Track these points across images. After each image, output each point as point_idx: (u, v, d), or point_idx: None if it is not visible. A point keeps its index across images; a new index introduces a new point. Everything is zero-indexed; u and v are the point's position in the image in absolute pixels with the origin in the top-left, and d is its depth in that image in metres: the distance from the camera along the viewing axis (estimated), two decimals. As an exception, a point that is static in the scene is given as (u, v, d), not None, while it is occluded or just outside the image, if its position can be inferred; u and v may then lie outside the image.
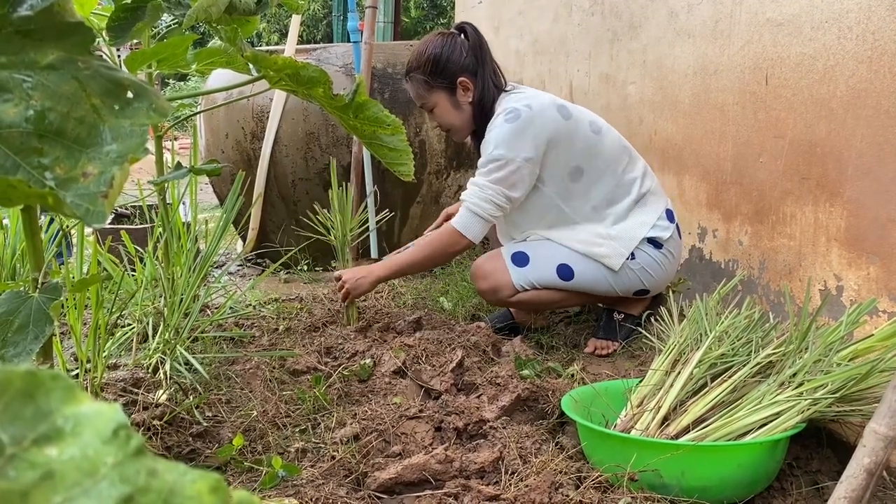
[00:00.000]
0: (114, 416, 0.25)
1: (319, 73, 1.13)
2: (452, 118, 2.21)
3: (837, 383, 1.32)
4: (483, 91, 2.17)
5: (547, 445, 1.44)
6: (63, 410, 0.25)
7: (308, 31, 14.85)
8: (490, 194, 2.07)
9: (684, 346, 1.56)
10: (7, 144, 0.56)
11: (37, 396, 0.25)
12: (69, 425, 0.25)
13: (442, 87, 2.17)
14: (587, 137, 2.12)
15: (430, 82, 2.17)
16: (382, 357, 1.89)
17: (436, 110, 2.22)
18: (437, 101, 2.19)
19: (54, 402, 0.25)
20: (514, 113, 2.06)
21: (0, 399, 0.24)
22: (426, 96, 2.20)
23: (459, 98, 2.18)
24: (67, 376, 0.25)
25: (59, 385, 0.26)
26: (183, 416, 1.59)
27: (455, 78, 2.16)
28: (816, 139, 1.92)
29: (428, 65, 2.16)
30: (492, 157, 2.06)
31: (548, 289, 2.14)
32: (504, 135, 2.04)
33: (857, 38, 1.77)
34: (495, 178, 2.06)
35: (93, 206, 0.54)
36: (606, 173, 2.14)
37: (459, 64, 2.16)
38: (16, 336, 1.08)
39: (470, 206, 2.09)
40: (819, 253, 1.93)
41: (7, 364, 1.06)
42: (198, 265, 1.93)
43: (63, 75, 0.60)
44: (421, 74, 2.17)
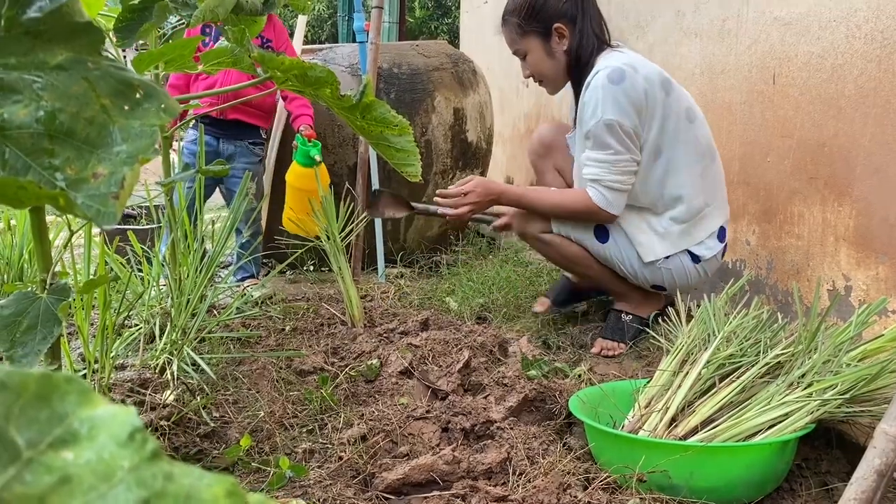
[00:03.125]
0: (129, 420, 0.25)
1: (327, 74, 1.13)
2: (545, 66, 2.13)
3: (847, 384, 1.32)
4: (581, 41, 2.07)
5: (555, 446, 1.44)
6: (78, 413, 0.25)
7: (313, 31, 14.85)
8: (624, 166, 1.99)
9: (692, 346, 1.55)
10: (18, 145, 0.56)
11: (52, 400, 0.25)
12: (85, 429, 0.25)
13: (536, 33, 2.09)
14: (679, 122, 2.01)
15: (523, 26, 2.09)
16: (389, 357, 1.89)
17: (528, 57, 2.13)
18: (530, 47, 2.11)
19: (70, 405, 0.25)
20: (618, 73, 1.95)
21: (16, 403, 0.24)
22: (519, 41, 2.12)
23: (553, 45, 2.09)
24: (82, 379, 0.25)
25: (75, 388, 0.26)
26: (190, 416, 1.59)
27: (551, 23, 2.07)
28: (824, 138, 1.91)
29: (523, 8, 2.08)
30: (606, 122, 1.94)
31: (577, 244, 2.12)
32: (612, 97, 1.93)
33: (865, 36, 1.76)
34: (620, 148, 1.97)
35: (104, 208, 0.54)
36: (685, 168, 2.03)
37: (556, 9, 2.06)
38: (24, 337, 1.08)
39: (609, 183, 1.99)
40: (827, 253, 1.92)
41: (15, 364, 1.06)
42: (204, 266, 1.93)
43: (73, 76, 0.60)
44: (515, 17, 2.10)
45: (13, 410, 0.24)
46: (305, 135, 2.76)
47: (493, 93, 3.79)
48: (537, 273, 2.92)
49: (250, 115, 2.93)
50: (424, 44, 3.44)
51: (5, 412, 0.23)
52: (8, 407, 0.23)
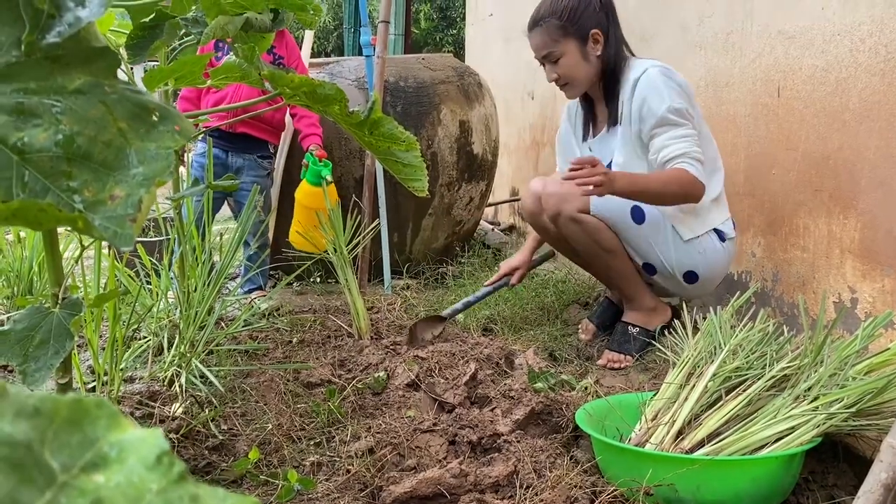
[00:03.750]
0: (157, 443, 0.26)
1: (336, 92, 1.15)
2: (579, 70, 2.21)
3: (853, 397, 1.32)
4: (615, 49, 2.20)
5: (561, 459, 1.45)
6: (108, 437, 0.26)
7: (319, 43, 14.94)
8: (697, 142, 2.08)
9: (698, 359, 1.56)
10: (37, 168, 0.57)
11: (83, 424, 0.26)
12: (114, 452, 0.26)
13: (575, 36, 2.18)
14: (699, 122, 2.15)
15: (565, 28, 2.17)
16: (396, 370, 1.90)
17: (562, 60, 2.20)
18: (567, 49, 2.19)
19: (100, 429, 0.26)
20: (667, 70, 2.11)
21: (49, 428, 0.25)
22: (558, 42, 2.19)
23: (589, 49, 2.19)
24: (111, 404, 0.26)
25: (104, 412, 0.27)
26: (199, 429, 1.60)
27: (588, 29, 2.17)
28: (829, 151, 1.92)
29: (565, 12, 2.17)
30: (675, 107, 2.05)
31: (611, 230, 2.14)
32: (672, 86, 2.07)
33: (869, 50, 1.77)
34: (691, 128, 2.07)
35: (121, 229, 0.55)
36: (709, 160, 2.13)
37: (593, 16, 2.18)
38: (37, 351, 1.09)
39: (696, 154, 2.05)
40: (833, 265, 1.92)
41: (28, 379, 1.07)
42: (213, 278, 1.95)
43: (90, 100, 0.61)
44: (556, 20, 2.18)
45: (47, 435, 0.25)
46: (316, 154, 2.78)
47: (499, 104, 3.81)
48: (543, 285, 2.93)
49: (259, 129, 2.96)
50: (430, 57, 3.47)
51: (40, 437, 0.24)
52: (42, 432, 0.25)
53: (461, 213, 3.46)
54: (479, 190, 3.52)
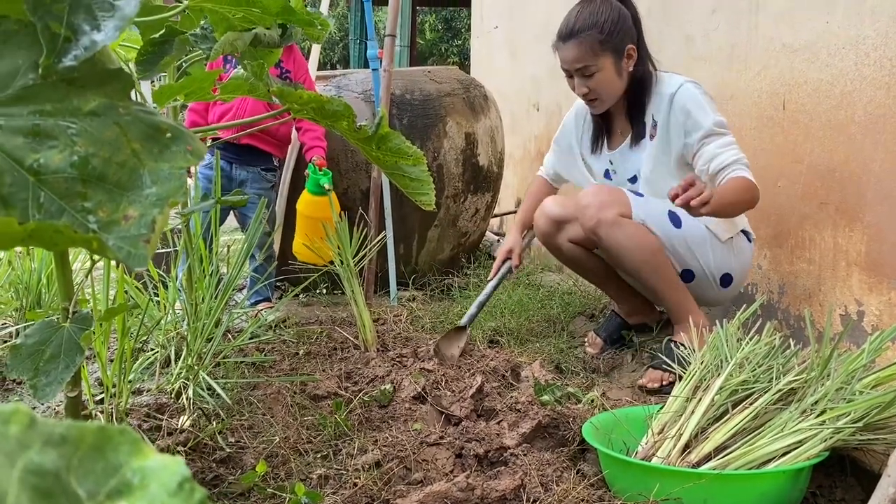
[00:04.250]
0: (178, 470, 0.27)
1: (344, 108, 1.16)
2: (612, 86, 2.17)
3: (860, 412, 1.32)
4: (646, 63, 2.19)
5: (568, 473, 1.45)
6: (131, 464, 0.27)
7: (325, 54, 15.03)
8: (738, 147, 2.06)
9: (705, 372, 1.56)
10: (53, 189, 0.58)
11: (107, 451, 0.27)
12: (137, 479, 0.26)
13: (613, 51, 2.13)
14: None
15: (605, 42, 2.12)
16: (402, 382, 1.91)
17: (598, 75, 2.15)
18: (604, 64, 2.14)
19: (123, 455, 0.27)
20: (694, 84, 2.12)
21: (74, 455, 0.26)
22: (597, 56, 2.13)
23: (623, 65, 2.16)
24: (133, 431, 0.27)
25: (127, 439, 0.27)
26: (206, 441, 1.61)
27: (625, 45, 2.14)
28: (835, 164, 1.92)
29: (607, 26, 2.12)
30: (718, 121, 2.05)
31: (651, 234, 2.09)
32: (710, 102, 2.09)
33: (874, 63, 1.78)
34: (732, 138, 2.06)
35: (134, 249, 0.56)
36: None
37: (629, 32, 2.16)
38: (47, 366, 1.10)
39: (746, 160, 2.02)
40: (839, 278, 1.92)
41: (39, 393, 1.08)
42: (220, 291, 1.95)
43: (105, 121, 0.62)
44: (598, 33, 2.11)
45: (73, 462, 0.26)
46: (317, 164, 2.80)
47: (504, 116, 3.82)
48: (549, 296, 2.93)
49: (264, 141, 2.98)
50: (436, 70, 3.48)
51: (66, 464, 0.25)
52: (68, 459, 0.25)
53: (467, 225, 3.47)
54: (485, 201, 3.52)
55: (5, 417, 0.24)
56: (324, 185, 2.73)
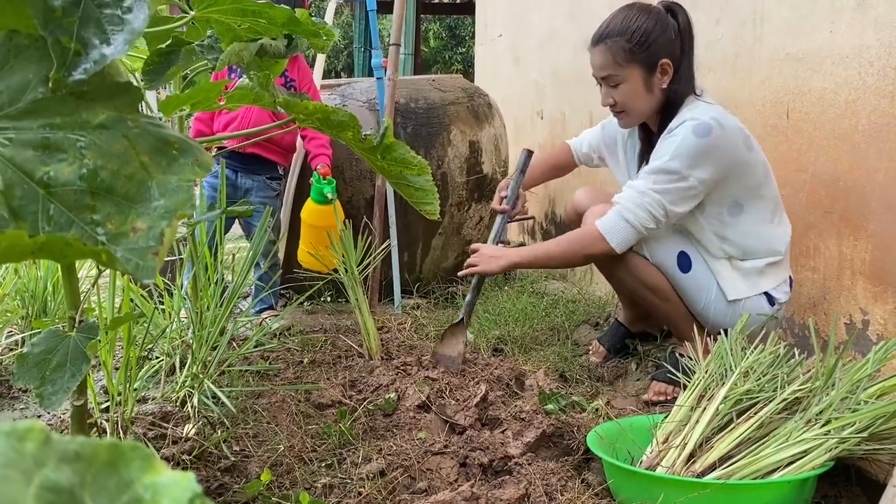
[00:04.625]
0: (189, 486, 0.27)
1: (349, 118, 1.16)
2: (639, 100, 2.00)
3: (865, 421, 1.32)
4: (681, 83, 1.99)
5: (573, 482, 1.45)
6: (143, 480, 0.27)
7: (329, 62, 15.07)
8: (649, 202, 1.90)
9: (709, 381, 1.56)
10: (62, 202, 0.59)
11: (119, 467, 0.27)
12: (148, 494, 0.27)
13: (642, 63, 1.97)
14: (758, 177, 1.96)
15: (633, 52, 1.95)
16: (406, 391, 1.91)
17: (623, 86, 1.99)
18: (631, 76, 1.98)
19: (134, 471, 0.27)
20: (705, 127, 1.88)
21: (88, 471, 0.26)
22: (621, 66, 1.97)
23: (655, 80, 1.98)
24: (145, 447, 0.27)
25: (139, 455, 0.28)
26: (211, 450, 1.61)
27: (658, 58, 1.96)
28: (839, 173, 1.92)
29: (637, 35, 1.95)
30: (666, 167, 1.88)
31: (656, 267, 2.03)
32: (688, 148, 1.87)
33: (878, 72, 1.78)
34: (662, 189, 1.89)
35: (143, 262, 0.57)
36: (766, 222, 1.98)
37: (667, 45, 1.97)
38: (54, 374, 1.10)
39: (621, 209, 1.92)
40: (844, 287, 1.92)
41: (45, 401, 1.09)
42: (225, 299, 1.96)
43: (114, 134, 0.63)
44: (626, 42, 1.95)
45: (87, 479, 0.26)
46: (321, 173, 2.81)
47: (508, 123, 3.83)
48: (553, 304, 2.93)
49: (269, 150, 2.99)
50: (440, 78, 3.50)
51: (80, 481, 0.25)
52: (82, 476, 0.26)
53: (471, 233, 3.47)
54: (489, 210, 3.53)
55: (21, 434, 0.25)
56: (327, 195, 2.74)
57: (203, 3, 1.22)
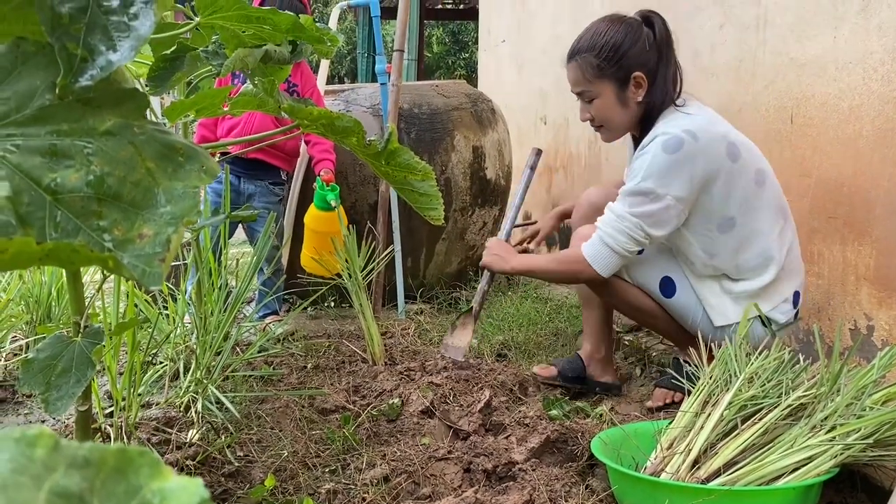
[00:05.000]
0: (197, 491, 0.27)
1: (354, 124, 1.17)
2: (614, 115, 1.97)
3: (870, 428, 1.31)
4: (656, 94, 1.94)
5: (577, 488, 1.44)
6: (151, 485, 0.27)
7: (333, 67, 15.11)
8: (628, 226, 1.86)
9: (714, 387, 1.55)
10: (69, 208, 0.59)
11: (128, 473, 0.27)
12: (157, 500, 0.27)
13: (612, 78, 1.93)
14: (748, 188, 1.88)
15: (602, 67, 1.92)
16: (410, 396, 1.91)
17: (597, 102, 1.96)
18: (603, 91, 1.94)
19: (143, 477, 0.27)
20: (676, 141, 1.82)
21: (97, 477, 0.26)
22: (592, 82, 1.95)
23: (629, 94, 1.94)
24: (153, 453, 0.27)
25: (147, 461, 0.28)
26: (215, 455, 1.61)
27: (631, 71, 1.92)
28: (843, 178, 1.92)
29: (605, 50, 1.91)
30: (639, 189, 1.84)
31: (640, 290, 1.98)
32: (658, 166, 1.82)
33: (882, 78, 1.78)
34: (639, 212, 1.85)
35: (149, 268, 0.57)
36: (761, 235, 1.89)
37: (640, 57, 1.92)
38: (59, 380, 1.11)
39: (603, 235, 1.89)
40: (848, 292, 1.92)
41: (50, 407, 1.09)
42: (229, 304, 1.96)
43: (120, 141, 0.63)
44: (594, 57, 1.92)
45: (95, 484, 0.26)
46: (324, 179, 2.81)
47: (511, 128, 3.84)
48: (556, 310, 2.93)
49: (272, 155, 2.99)
50: (444, 84, 3.50)
51: (90, 486, 0.26)
52: (91, 481, 0.26)
53: (474, 238, 3.48)
54: (493, 215, 3.53)
55: (31, 440, 0.25)
56: (330, 202, 2.74)
57: (208, 9, 1.23)
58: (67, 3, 0.60)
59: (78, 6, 0.61)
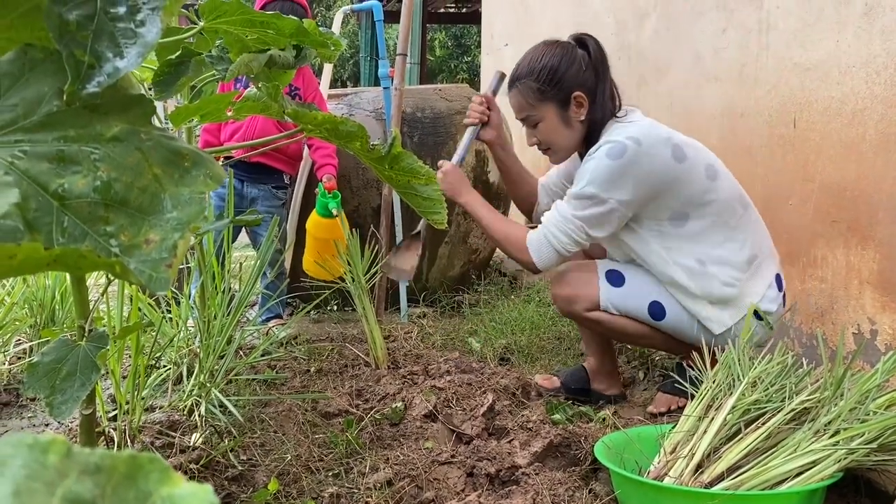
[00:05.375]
0: (206, 498, 0.28)
1: (357, 129, 1.17)
2: (559, 136, 2.01)
3: (874, 432, 1.31)
4: (597, 111, 1.98)
5: (580, 493, 1.44)
6: (160, 491, 0.27)
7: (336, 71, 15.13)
8: (571, 228, 1.91)
9: (717, 391, 1.55)
10: (76, 214, 0.59)
11: (138, 479, 0.27)
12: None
13: (553, 100, 1.98)
14: (700, 183, 1.90)
15: (543, 91, 1.97)
16: (413, 400, 1.91)
17: (541, 125, 2.01)
18: (546, 114, 1.99)
19: (152, 483, 0.28)
20: (620, 148, 1.86)
21: (108, 484, 0.26)
22: (534, 107, 1.99)
23: (571, 114, 1.98)
24: (163, 459, 0.28)
25: (156, 467, 0.28)
26: (218, 459, 1.61)
27: (570, 92, 1.96)
28: (846, 182, 1.92)
29: (543, 73, 1.97)
30: (584, 193, 1.89)
31: (629, 318, 1.97)
32: (602, 171, 1.86)
33: (885, 82, 1.78)
34: (582, 215, 1.90)
35: (156, 273, 0.57)
36: (716, 225, 1.92)
37: (578, 77, 1.97)
38: (64, 384, 1.11)
39: (546, 231, 1.94)
40: (852, 296, 1.92)
41: (55, 410, 1.09)
42: (232, 308, 1.97)
43: (127, 147, 0.64)
44: (534, 82, 1.98)
45: (107, 490, 0.26)
46: (326, 187, 2.80)
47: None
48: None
49: (275, 159, 3.00)
50: (446, 88, 3.51)
51: (101, 492, 0.26)
52: (103, 488, 0.26)
53: (477, 242, 3.48)
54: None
55: (44, 447, 0.25)
56: (332, 210, 2.74)
57: (212, 14, 1.23)
58: (75, 11, 0.61)
59: (85, 13, 0.61)
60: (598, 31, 2.19)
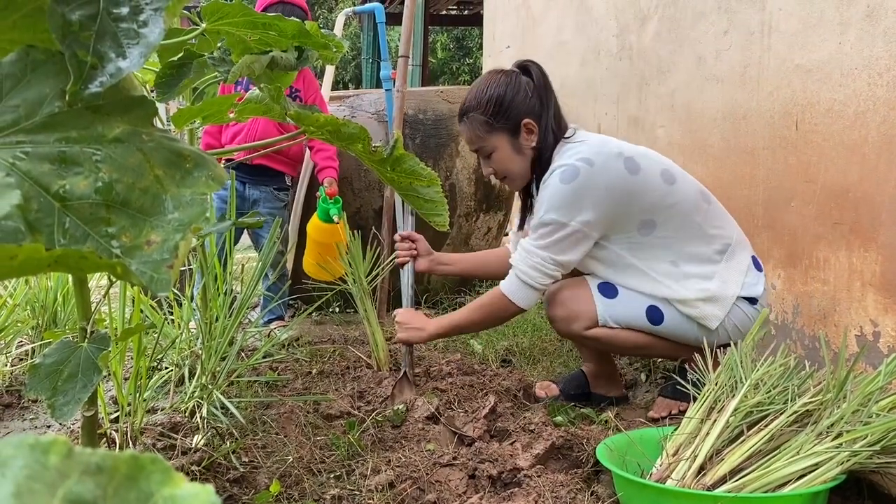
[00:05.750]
0: (208, 498, 0.27)
1: (359, 131, 1.17)
2: (512, 164, 2.02)
3: (877, 435, 1.31)
4: (545, 136, 2.00)
5: (582, 495, 1.44)
6: (162, 492, 0.27)
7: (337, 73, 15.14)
8: (538, 262, 1.91)
9: (720, 393, 1.55)
10: (78, 215, 0.59)
11: (139, 480, 0.27)
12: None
13: (504, 129, 1.99)
14: (659, 189, 1.94)
15: (491, 122, 1.98)
16: (415, 402, 1.91)
17: (494, 155, 2.02)
18: (497, 144, 2.00)
19: (154, 484, 0.27)
20: (571, 171, 1.88)
21: (109, 485, 0.26)
22: (485, 138, 2.01)
23: (522, 141, 2.00)
24: (164, 460, 0.28)
25: (158, 468, 0.28)
26: (220, 461, 1.61)
27: (519, 119, 1.98)
28: (848, 184, 1.92)
29: (490, 105, 1.98)
30: (543, 220, 1.90)
31: (630, 329, 1.96)
32: (558, 197, 1.88)
33: (887, 84, 1.78)
34: (545, 244, 1.91)
35: (157, 275, 0.57)
36: (683, 225, 1.95)
37: (524, 105, 1.99)
38: (65, 385, 1.11)
39: (518, 272, 1.94)
40: (854, 298, 1.91)
41: (57, 412, 1.09)
42: (234, 309, 1.97)
43: (129, 148, 0.64)
44: (481, 115, 1.99)
45: (108, 491, 0.26)
46: (328, 192, 2.80)
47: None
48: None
49: (276, 161, 3.00)
50: (449, 90, 3.51)
51: (103, 493, 0.26)
52: (104, 488, 0.26)
53: (479, 244, 3.48)
54: (497, 220, 3.53)
55: (45, 447, 0.25)
56: (333, 217, 2.74)
57: (214, 15, 1.23)
58: (78, 11, 0.61)
59: (88, 14, 0.61)
60: (600, 33, 2.19)
